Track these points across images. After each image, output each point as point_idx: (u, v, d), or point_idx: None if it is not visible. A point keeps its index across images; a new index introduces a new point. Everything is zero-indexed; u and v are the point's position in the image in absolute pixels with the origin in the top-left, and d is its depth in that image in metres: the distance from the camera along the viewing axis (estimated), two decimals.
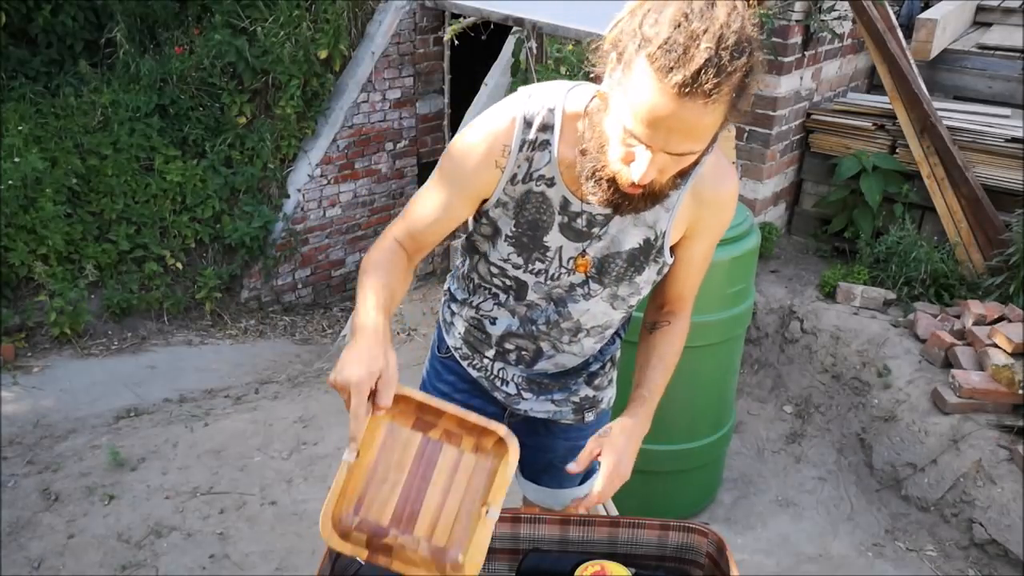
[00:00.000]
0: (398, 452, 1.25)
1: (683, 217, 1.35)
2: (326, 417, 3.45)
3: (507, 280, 1.43)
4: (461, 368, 1.61)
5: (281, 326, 4.99)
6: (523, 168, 1.32)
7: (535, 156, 1.31)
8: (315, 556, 2.67)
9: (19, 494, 2.93)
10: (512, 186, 1.33)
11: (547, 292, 1.43)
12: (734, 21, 1.05)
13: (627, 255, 1.36)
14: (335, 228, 5.43)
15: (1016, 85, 4.27)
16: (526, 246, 1.37)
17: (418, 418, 1.27)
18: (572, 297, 1.42)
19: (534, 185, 1.32)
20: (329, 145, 5.15)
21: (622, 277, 1.39)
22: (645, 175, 1.13)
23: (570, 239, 1.35)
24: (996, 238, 3.61)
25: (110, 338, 4.34)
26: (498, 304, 1.48)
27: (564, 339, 1.48)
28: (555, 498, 1.71)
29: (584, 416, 1.61)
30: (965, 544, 2.75)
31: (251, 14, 4.92)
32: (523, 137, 1.30)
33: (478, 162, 1.32)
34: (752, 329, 3.63)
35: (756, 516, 2.95)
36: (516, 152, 1.30)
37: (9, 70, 4.58)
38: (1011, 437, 2.82)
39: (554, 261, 1.38)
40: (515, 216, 1.36)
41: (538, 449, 1.67)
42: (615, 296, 1.42)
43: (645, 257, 1.37)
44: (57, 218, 4.19)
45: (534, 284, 1.42)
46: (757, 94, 3.76)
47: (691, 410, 2.68)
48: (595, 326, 1.47)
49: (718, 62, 1.03)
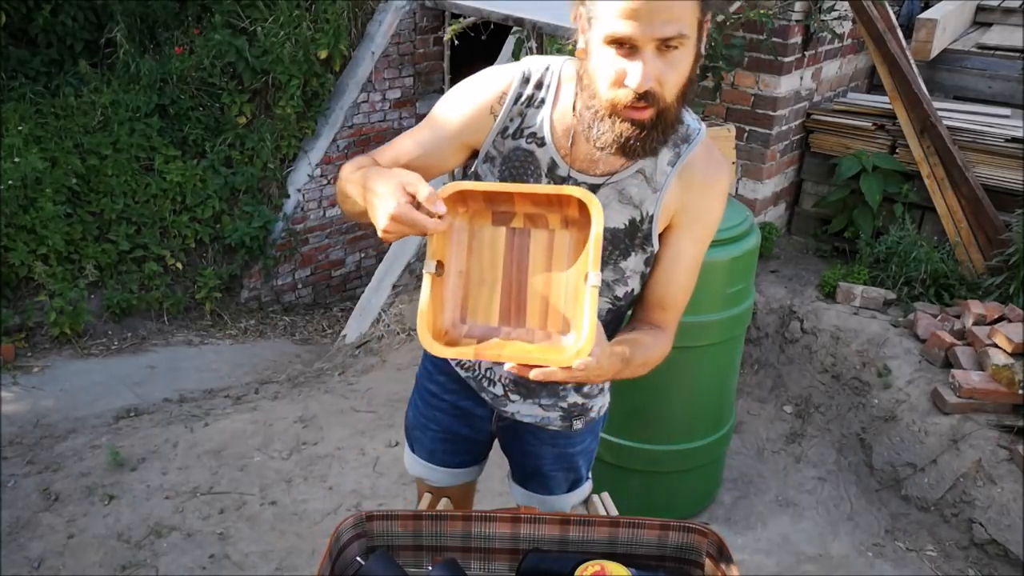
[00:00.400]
0: (487, 251, 1.21)
1: (671, 202, 1.33)
2: (326, 417, 3.45)
3: None
4: (450, 367, 1.61)
5: (281, 326, 4.99)
6: (515, 123, 1.32)
7: (528, 113, 1.31)
8: (315, 556, 2.67)
9: (19, 494, 2.93)
10: (502, 140, 1.33)
11: None
12: None
13: (611, 234, 1.34)
14: (335, 228, 5.43)
15: (1016, 85, 4.27)
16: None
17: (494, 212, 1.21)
18: None
19: (523, 142, 1.32)
20: (329, 145, 5.15)
21: (607, 260, 1.36)
22: (643, 79, 1.11)
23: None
24: (996, 238, 3.61)
25: (110, 338, 4.34)
26: None
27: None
28: (543, 505, 1.70)
29: (572, 424, 1.59)
30: (965, 544, 2.75)
31: (251, 14, 4.93)
32: (520, 90, 1.31)
33: (475, 104, 1.33)
34: (752, 329, 3.63)
35: (756, 516, 2.95)
36: (511, 104, 1.31)
37: (9, 70, 4.58)
38: (1011, 437, 2.82)
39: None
40: (500, 174, 1.35)
41: (526, 455, 1.66)
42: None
43: (631, 240, 1.35)
44: (57, 218, 4.19)
45: None
46: (757, 94, 3.76)
47: (691, 410, 2.68)
48: None
49: None
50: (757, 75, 3.74)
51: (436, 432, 1.68)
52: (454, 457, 1.70)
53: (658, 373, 2.67)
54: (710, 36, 3.16)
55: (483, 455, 1.76)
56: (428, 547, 1.44)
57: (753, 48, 3.62)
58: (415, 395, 1.72)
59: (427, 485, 1.74)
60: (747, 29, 3.56)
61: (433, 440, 1.69)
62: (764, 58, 3.67)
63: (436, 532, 1.43)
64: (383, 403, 3.55)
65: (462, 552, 1.44)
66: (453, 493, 1.74)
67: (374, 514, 1.42)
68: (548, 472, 1.66)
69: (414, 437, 1.73)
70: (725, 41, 3.26)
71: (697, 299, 2.47)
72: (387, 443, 3.27)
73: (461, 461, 1.71)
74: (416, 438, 1.72)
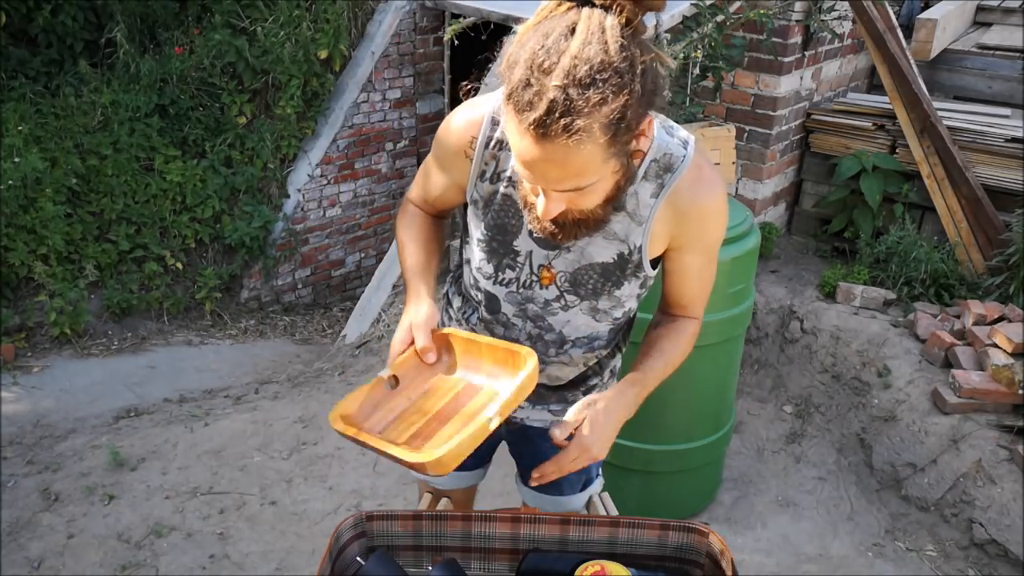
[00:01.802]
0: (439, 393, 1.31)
1: (662, 230, 1.29)
2: (326, 417, 3.43)
3: (479, 293, 1.43)
4: None
5: (281, 326, 4.99)
6: (491, 167, 1.30)
7: (501, 156, 1.29)
8: (315, 556, 2.67)
9: (19, 494, 2.93)
10: (481, 183, 1.32)
11: (521, 308, 1.40)
12: (588, 50, 0.99)
13: (601, 268, 1.32)
14: (335, 228, 5.43)
15: (1016, 85, 4.27)
16: (496, 251, 1.36)
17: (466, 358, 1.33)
18: (549, 311, 1.39)
19: (501, 186, 1.31)
20: (329, 145, 5.15)
21: (600, 291, 1.35)
22: (545, 212, 1.13)
23: (540, 245, 1.32)
24: (996, 238, 3.62)
25: (110, 338, 4.34)
26: (479, 318, 1.47)
27: (551, 351, 1.45)
28: (555, 506, 1.69)
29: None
30: (965, 544, 2.75)
31: (251, 14, 4.92)
32: (489, 134, 1.29)
33: (452, 147, 1.34)
34: (752, 329, 3.63)
35: (756, 516, 2.95)
36: (482, 148, 1.29)
37: (9, 70, 4.58)
38: (1011, 437, 2.82)
39: (524, 267, 1.35)
40: (484, 217, 1.34)
41: (536, 458, 1.64)
42: (596, 309, 1.39)
43: (622, 272, 1.33)
44: (57, 218, 4.19)
45: (505, 296, 1.39)
46: (757, 94, 3.76)
47: (691, 410, 2.68)
48: (580, 337, 1.44)
49: (567, 101, 0.98)
50: (757, 75, 3.74)
51: None
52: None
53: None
54: (710, 36, 3.17)
55: (488, 458, 1.76)
56: (428, 547, 1.44)
57: (753, 48, 3.62)
58: None
59: (431, 487, 1.74)
60: (747, 29, 3.56)
61: None
62: (764, 58, 3.67)
63: (436, 532, 1.43)
64: None
65: (462, 552, 1.44)
66: (456, 495, 1.74)
67: (374, 514, 1.42)
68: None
69: None
70: (725, 41, 3.26)
71: None
72: None
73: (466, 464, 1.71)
74: None
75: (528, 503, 1.75)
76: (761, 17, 3.24)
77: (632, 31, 1.03)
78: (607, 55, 0.99)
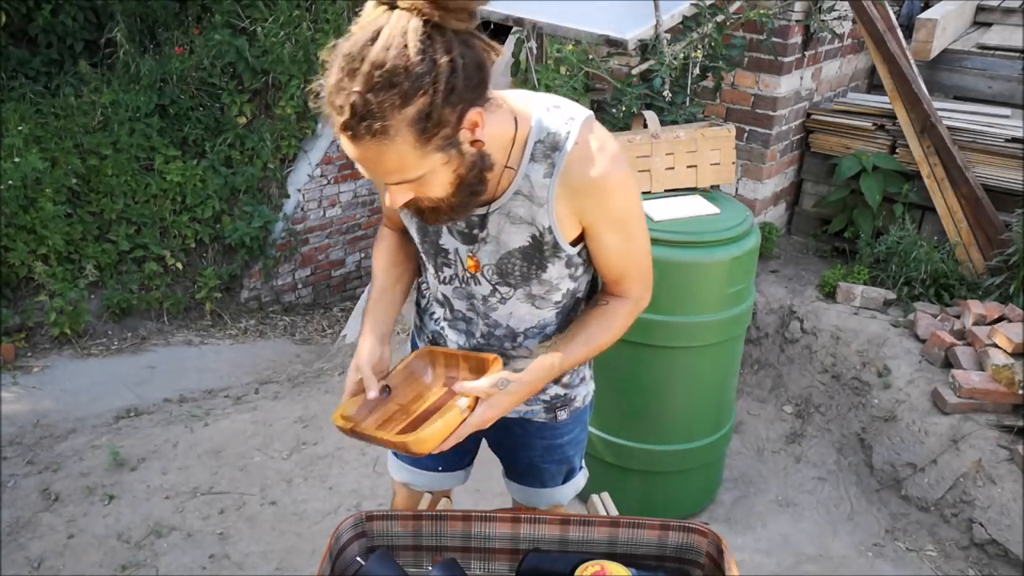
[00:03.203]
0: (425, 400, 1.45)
1: (564, 208, 1.30)
2: (326, 417, 3.45)
3: (438, 295, 1.49)
4: None
5: (281, 326, 4.99)
6: None
7: None
8: (315, 556, 2.67)
9: (19, 494, 2.93)
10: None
11: (470, 303, 1.45)
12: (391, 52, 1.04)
13: (520, 254, 1.35)
14: (335, 228, 5.43)
15: (1016, 85, 4.27)
16: (430, 252, 1.42)
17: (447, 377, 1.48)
18: (490, 306, 1.43)
19: None
20: (329, 145, 5.15)
21: (528, 276, 1.37)
22: (391, 200, 1.18)
23: (461, 241, 1.37)
24: (996, 238, 3.62)
25: (110, 338, 4.34)
26: (443, 319, 1.52)
27: (507, 345, 1.47)
28: (539, 497, 1.71)
29: (557, 415, 1.60)
30: (965, 544, 2.75)
31: (251, 14, 4.93)
32: None
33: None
34: (752, 329, 3.63)
35: (756, 516, 2.95)
36: None
37: (9, 70, 4.59)
38: (1011, 437, 2.82)
39: (456, 263, 1.41)
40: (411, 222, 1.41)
41: (517, 448, 1.67)
42: (531, 296, 1.41)
43: (541, 254, 1.34)
44: (57, 218, 4.19)
45: (453, 293, 1.46)
46: (757, 94, 3.76)
47: (691, 410, 2.68)
48: (529, 328, 1.45)
49: (367, 104, 1.04)
50: (757, 75, 3.74)
51: None
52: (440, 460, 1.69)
53: (658, 373, 2.67)
54: (710, 36, 3.17)
55: (469, 460, 1.77)
56: (428, 547, 1.44)
57: (753, 48, 3.62)
58: None
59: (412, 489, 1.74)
60: (747, 29, 3.56)
61: None
62: (764, 58, 3.67)
63: (436, 532, 1.43)
64: None
65: (462, 552, 1.44)
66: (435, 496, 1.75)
67: (374, 514, 1.43)
68: (540, 465, 1.67)
69: None
70: (725, 41, 3.26)
71: (697, 299, 2.49)
72: None
73: (447, 465, 1.72)
74: None
75: (515, 497, 1.76)
76: (761, 17, 3.24)
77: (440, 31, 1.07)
78: (406, 59, 1.04)
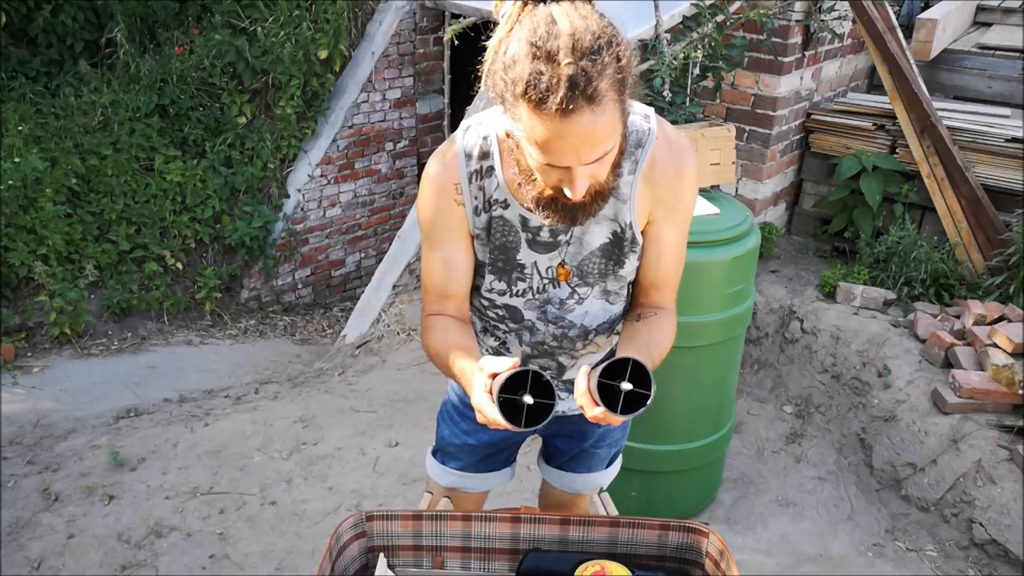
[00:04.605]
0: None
1: (643, 203, 1.36)
2: (326, 417, 3.45)
3: (498, 310, 1.48)
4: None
5: (281, 326, 4.99)
6: (480, 198, 1.36)
7: (486, 183, 1.35)
8: (315, 556, 2.67)
9: (19, 494, 2.92)
10: (477, 218, 1.38)
11: (541, 311, 1.46)
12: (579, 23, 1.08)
13: (601, 252, 1.39)
14: (335, 228, 5.43)
15: (1016, 85, 4.27)
16: (503, 270, 1.42)
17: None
18: (566, 309, 1.45)
19: (493, 212, 1.36)
20: (329, 145, 5.15)
21: (605, 273, 1.41)
22: (578, 191, 1.17)
23: (540, 252, 1.39)
24: (996, 238, 3.62)
25: (110, 338, 4.34)
26: (505, 333, 1.52)
27: (578, 346, 1.51)
28: (584, 483, 1.74)
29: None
30: (965, 544, 2.75)
31: (251, 14, 4.92)
32: (468, 170, 1.34)
33: (442, 208, 1.37)
34: (752, 329, 3.63)
35: (756, 516, 2.95)
36: (467, 186, 1.35)
37: (9, 70, 4.58)
38: (1011, 437, 2.82)
39: (533, 276, 1.42)
40: (487, 244, 1.40)
41: (573, 438, 1.70)
42: (606, 292, 1.44)
43: (620, 250, 1.39)
44: (57, 218, 4.18)
45: (524, 304, 1.46)
46: (757, 94, 3.76)
47: (691, 410, 2.68)
48: (600, 324, 1.49)
49: (584, 71, 1.06)
50: (757, 75, 3.74)
51: (475, 446, 1.69)
52: (488, 463, 1.73)
53: (658, 373, 2.67)
54: (710, 36, 3.17)
55: (514, 456, 1.80)
56: (428, 547, 1.44)
57: (753, 48, 3.62)
58: (451, 412, 1.71)
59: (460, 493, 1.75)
60: (747, 29, 3.56)
61: (471, 453, 1.71)
62: (764, 58, 3.67)
63: (436, 532, 1.43)
64: (383, 403, 3.55)
65: (462, 552, 1.44)
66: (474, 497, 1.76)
67: (374, 514, 1.43)
68: (592, 451, 1.71)
69: (449, 452, 1.73)
70: (725, 41, 3.26)
71: (697, 299, 2.49)
72: (387, 443, 3.27)
73: (494, 466, 1.75)
74: (451, 453, 1.73)
75: (555, 484, 1.77)
76: (761, 17, 3.24)
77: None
78: (597, 24, 1.09)
